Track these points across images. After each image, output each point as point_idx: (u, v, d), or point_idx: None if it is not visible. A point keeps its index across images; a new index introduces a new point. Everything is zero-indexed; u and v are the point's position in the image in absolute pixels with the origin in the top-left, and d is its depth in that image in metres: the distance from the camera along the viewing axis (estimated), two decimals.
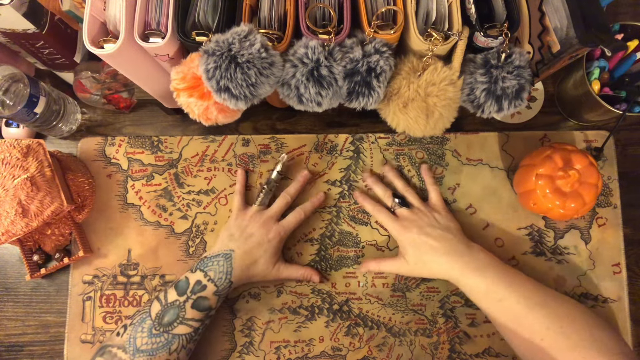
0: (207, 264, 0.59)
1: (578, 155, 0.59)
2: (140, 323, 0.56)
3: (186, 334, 0.55)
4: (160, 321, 0.55)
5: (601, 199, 0.66)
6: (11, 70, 0.59)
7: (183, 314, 0.55)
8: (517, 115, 0.69)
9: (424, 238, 0.59)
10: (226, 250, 0.59)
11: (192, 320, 0.56)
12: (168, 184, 0.67)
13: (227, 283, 0.57)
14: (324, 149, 0.68)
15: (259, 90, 0.48)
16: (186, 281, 0.58)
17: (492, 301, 0.56)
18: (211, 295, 0.57)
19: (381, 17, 0.49)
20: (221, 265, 0.58)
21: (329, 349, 0.63)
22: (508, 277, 0.56)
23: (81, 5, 0.58)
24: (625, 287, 0.64)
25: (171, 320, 0.55)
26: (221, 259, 0.58)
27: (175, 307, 0.56)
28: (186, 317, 0.55)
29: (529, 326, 0.53)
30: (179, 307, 0.56)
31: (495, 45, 0.49)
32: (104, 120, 0.70)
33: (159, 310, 0.56)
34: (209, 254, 0.60)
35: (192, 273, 0.58)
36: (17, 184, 0.55)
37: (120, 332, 0.56)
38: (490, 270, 0.57)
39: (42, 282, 0.65)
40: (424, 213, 0.61)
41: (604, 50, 0.62)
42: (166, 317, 0.55)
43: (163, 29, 0.49)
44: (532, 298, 0.55)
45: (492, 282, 0.56)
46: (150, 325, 0.55)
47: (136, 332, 0.55)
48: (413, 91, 0.51)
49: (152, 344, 0.54)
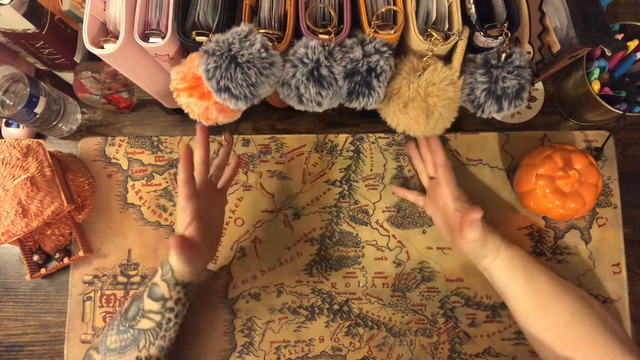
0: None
1: (578, 155, 0.59)
2: (112, 322, 0.55)
3: (150, 329, 0.53)
4: (125, 315, 0.53)
5: (601, 199, 0.66)
6: (11, 70, 0.59)
7: (142, 306, 0.53)
8: (517, 115, 0.69)
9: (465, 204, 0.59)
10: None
11: (150, 312, 0.53)
12: (168, 184, 0.67)
13: (167, 266, 0.53)
14: (324, 149, 0.68)
15: (259, 90, 0.48)
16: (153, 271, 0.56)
17: (527, 276, 0.56)
18: (160, 281, 0.53)
19: (381, 17, 0.49)
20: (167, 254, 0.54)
21: (329, 349, 0.63)
22: (534, 259, 0.58)
23: (81, 5, 0.58)
24: (625, 287, 0.64)
25: (134, 313, 0.53)
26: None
27: (137, 299, 0.54)
28: (145, 309, 0.53)
29: (555, 309, 0.54)
30: (139, 299, 0.54)
31: (495, 45, 0.49)
32: (104, 120, 0.70)
33: (127, 304, 0.54)
34: None
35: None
36: (17, 184, 0.55)
37: (99, 333, 0.55)
38: (519, 250, 0.58)
39: (42, 282, 0.65)
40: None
41: (604, 50, 0.62)
42: (130, 310, 0.53)
43: (163, 29, 0.49)
44: (560, 283, 0.56)
45: (525, 259, 0.57)
46: (118, 321, 0.54)
47: (108, 331, 0.54)
48: (413, 91, 0.51)
49: (121, 342, 0.53)
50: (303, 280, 0.65)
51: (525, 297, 0.56)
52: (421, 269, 0.65)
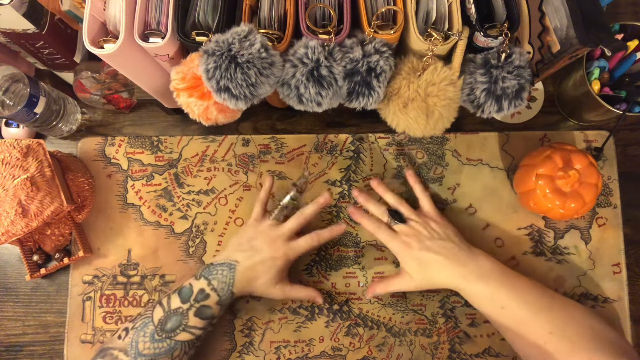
0: (211, 271, 0.58)
1: (578, 155, 0.59)
2: (142, 327, 0.55)
3: (188, 340, 0.55)
4: (162, 327, 0.55)
5: (601, 199, 0.66)
6: (11, 70, 0.59)
7: (186, 322, 0.55)
8: (517, 115, 0.69)
9: (425, 252, 0.58)
10: (231, 261, 0.58)
11: (194, 328, 0.55)
12: (168, 184, 0.67)
13: (228, 294, 0.57)
14: (324, 149, 0.68)
15: (259, 90, 0.48)
16: (190, 288, 0.57)
17: (496, 308, 0.56)
18: (214, 305, 0.56)
19: (381, 17, 0.49)
20: (224, 276, 0.57)
21: (329, 349, 0.63)
22: (510, 283, 0.56)
23: (81, 5, 0.58)
24: (625, 287, 0.64)
25: (174, 327, 0.55)
26: (225, 269, 0.58)
27: (178, 315, 0.55)
28: (189, 325, 0.55)
29: (532, 331, 0.53)
30: (181, 315, 0.55)
31: (495, 45, 0.49)
32: (104, 120, 0.70)
33: (161, 316, 0.55)
34: (215, 260, 0.59)
35: (197, 280, 0.57)
36: (17, 184, 0.55)
37: (122, 336, 0.56)
38: (492, 277, 0.56)
39: (42, 282, 0.65)
40: (421, 225, 0.60)
41: (604, 50, 0.62)
42: (169, 323, 0.55)
43: (163, 29, 0.49)
44: (534, 303, 0.55)
45: (494, 288, 0.56)
46: (152, 330, 0.55)
47: (138, 336, 0.55)
48: (413, 91, 0.51)
49: (155, 349, 0.54)
50: (303, 280, 0.65)
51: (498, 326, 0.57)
52: None
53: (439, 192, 0.67)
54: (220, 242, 0.66)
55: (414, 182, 0.65)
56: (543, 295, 0.56)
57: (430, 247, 0.58)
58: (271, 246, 0.59)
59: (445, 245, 0.58)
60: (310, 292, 0.61)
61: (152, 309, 0.57)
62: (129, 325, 0.57)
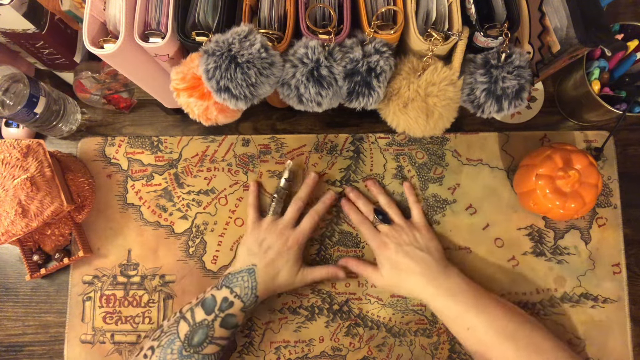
0: (231, 280, 0.58)
1: (578, 155, 0.59)
2: (169, 345, 0.54)
3: (214, 353, 0.55)
4: (189, 342, 0.54)
5: (601, 199, 0.66)
6: (11, 70, 0.59)
7: (212, 333, 0.54)
8: (517, 115, 0.69)
9: (401, 256, 0.59)
10: (249, 266, 0.58)
11: (220, 339, 0.55)
12: (168, 184, 0.67)
13: (253, 298, 0.57)
14: (324, 149, 0.68)
15: (259, 90, 0.48)
16: (213, 299, 0.56)
17: (461, 328, 0.56)
18: (238, 312, 0.56)
19: (381, 17, 0.49)
20: (246, 281, 0.57)
21: (329, 349, 0.63)
22: (480, 304, 0.56)
23: (81, 5, 0.58)
24: (625, 287, 0.64)
25: (201, 340, 0.54)
26: (245, 275, 0.58)
27: (204, 327, 0.55)
28: (215, 336, 0.55)
29: (497, 357, 0.53)
30: (207, 327, 0.55)
31: (495, 45, 0.49)
32: (104, 120, 0.70)
33: (187, 330, 0.55)
34: (232, 270, 0.59)
35: (218, 290, 0.57)
36: (17, 184, 0.55)
37: (148, 355, 0.55)
38: (462, 296, 0.56)
39: (42, 282, 0.65)
40: (405, 231, 0.61)
41: (604, 50, 0.62)
42: (195, 337, 0.54)
43: (163, 29, 0.49)
44: (501, 328, 0.54)
45: (463, 308, 0.56)
46: (179, 347, 0.54)
47: (166, 354, 0.54)
48: (413, 91, 0.51)
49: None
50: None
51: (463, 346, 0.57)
52: None
53: (439, 192, 0.67)
54: (220, 242, 0.66)
55: (408, 193, 0.66)
56: (512, 319, 0.55)
57: (407, 252, 0.59)
58: (281, 238, 0.60)
59: (423, 256, 0.59)
60: (330, 269, 0.62)
61: (176, 325, 0.56)
62: (154, 343, 0.55)
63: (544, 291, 0.64)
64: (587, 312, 0.64)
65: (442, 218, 0.66)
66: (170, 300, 0.64)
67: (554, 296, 0.64)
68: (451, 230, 0.66)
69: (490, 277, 0.64)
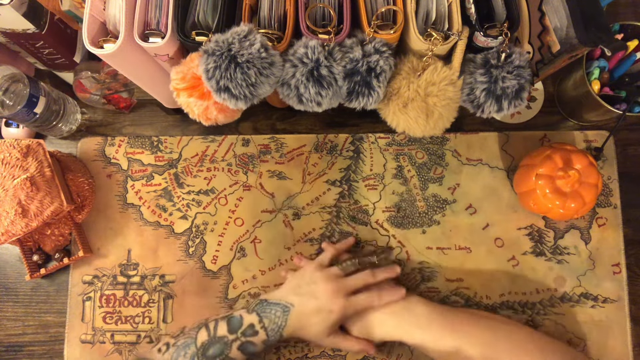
0: (264, 309, 0.56)
1: (578, 155, 0.59)
2: (184, 347, 0.54)
3: None
4: (204, 352, 0.53)
5: (601, 199, 0.66)
6: (11, 70, 0.59)
7: (228, 352, 0.53)
8: (517, 115, 0.69)
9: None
10: (286, 303, 0.56)
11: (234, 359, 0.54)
12: (168, 184, 0.67)
13: (277, 336, 0.55)
14: (324, 149, 0.68)
15: (259, 90, 0.48)
16: (240, 320, 0.55)
17: (445, 354, 0.55)
18: (260, 343, 0.54)
19: (381, 17, 0.49)
20: (277, 317, 0.55)
21: (329, 349, 0.63)
22: (451, 326, 0.55)
23: (81, 5, 0.58)
24: (625, 287, 0.64)
25: (215, 354, 0.53)
26: (279, 310, 0.55)
27: (222, 343, 0.54)
28: (229, 356, 0.54)
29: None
30: (225, 344, 0.54)
31: (495, 45, 0.49)
32: (104, 120, 0.70)
33: (205, 340, 0.54)
34: (270, 298, 0.57)
35: (248, 314, 0.56)
36: (17, 184, 0.55)
37: (162, 350, 0.55)
38: (434, 324, 0.56)
39: (42, 282, 0.65)
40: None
41: (604, 50, 0.62)
42: (211, 349, 0.53)
43: (163, 29, 0.49)
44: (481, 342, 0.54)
45: (439, 335, 0.55)
46: (193, 353, 0.53)
47: (178, 355, 0.53)
48: (413, 91, 0.51)
49: None
50: None
51: None
52: (421, 269, 0.65)
53: (439, 192, 0.67)
54: (220, 242, 0.66)
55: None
56: (489, 330, 0.55)
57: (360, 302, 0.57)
58: (330, 297, 0.56)
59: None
60: (364, 346, 0.58)
61: (196, 330, 0.55)
62: (171, 340, 0.55)
63: (544, 291, 0.64)
64: (587, 312, 0.64)
65: (442, 218, 0.66)
66: (170, 300, 0.64)
67: (554, 296, 0.64)
68: (451, 230, 0.66)
69: (490, 277, 0.64)
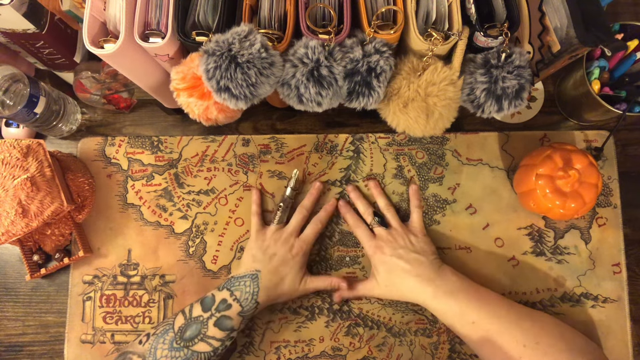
0: (233, 283, 0.58)
1: (578, 155, 0.59)
2: (162, 334, 0.55)
3: (205, 352, 0.55)
4: (182, 335, 0.55)
5: (601, 199, 0.66)
6: (11, 70, 0.59)
7: (205, 331, 0.55)
8: (517, 115, 0.69)
9: (395, 260, 0.59)
10: (252, 271, 0.59)
11: (212, 338, 0.55)
12: (168, 184, 0.67)
13: (253, 304, 0.57)
14: (324, 149, 0.68)
15: (259, 90, 0.48)
16: (212, 298, 0.57)
17: (466, 324, 0.56)
18: (235, 315, 0.56)
19: (381, 17, 0.49)
20: (247, 286, 0.58)
21: (329, 349, 0.63)
22: (480, 299, 0.56)
23: (81, 5, 0.58)
24: (625, 287, 0.64)
25: (192, 335, 0.55)
26: (248, 279, 0.58)
27: (198, 323, 0.55)
28: (207, 335, 0.55)
29: (505, 345, 0.53)
30: (201, 323, 0.55)
31: (495, 45, 0.49)
32: (104, 120, 0.70)
33: (182, 323, 0.56)
34: (235, 274, 0.60)
35: (219, 291, 0.58)
36: (17, 184, 0.55)
37: (143, 341, 0.56)
38: (462, 293, 0.57)
39: (42, 282, 0.65)
40: (400, 235, 0.61)
41: (604, 50, 0.62)
42: (188, 331, 0.55)
43: (163, 29, 0.49)
44: (505, 317, 0.55)
45: (465, 304, 0.56)
46: (172, 337, 0.55)
47: (157, 343, 0.55)
48: (413, 91, 0.51)
49: (172, 358, 0.54)
50: None
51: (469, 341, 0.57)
52: None
53: (439, 192, 0.67)
54: (220, 242, 0.66)
55: (413, 196, 0.65)
56: (512, 308, 0.56)
57: (402, 255, 0.59)
58: (285, 245, 0.61)
59: (418, 258, 0.59)
60: (334, 280, 0.62)
61: (174, 317, 0.57)
62: (151, 330, 0.57)
63: (544, 291, 0.64)
64: (587, 312, 0.64)
65: (442, 218, 0.66)
66: (170, 300, 0.64)
67: (554, 296, 0.64)
68: (451, 230, 0.66)
69: (490, 277, 0.65)
